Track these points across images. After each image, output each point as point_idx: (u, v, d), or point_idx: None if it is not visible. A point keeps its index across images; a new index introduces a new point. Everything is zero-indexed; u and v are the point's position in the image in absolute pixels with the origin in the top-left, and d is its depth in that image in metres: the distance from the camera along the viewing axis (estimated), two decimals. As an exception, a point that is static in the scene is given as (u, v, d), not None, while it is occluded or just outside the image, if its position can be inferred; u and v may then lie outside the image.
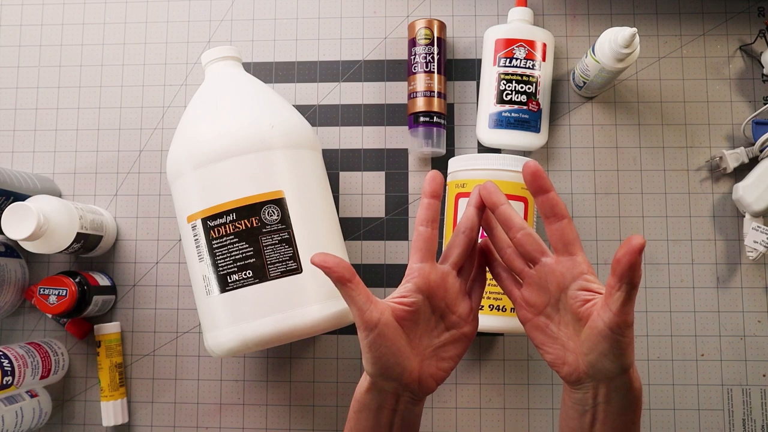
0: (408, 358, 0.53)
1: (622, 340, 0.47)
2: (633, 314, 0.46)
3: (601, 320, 0.47)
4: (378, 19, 0.83)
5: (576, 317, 0.51)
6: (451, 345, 0.55)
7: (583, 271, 0.51)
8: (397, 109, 0.82)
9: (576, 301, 0.51)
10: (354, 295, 0.51)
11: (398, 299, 0.53)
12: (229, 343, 0.66)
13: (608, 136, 0.81)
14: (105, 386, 0.78)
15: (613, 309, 0.46)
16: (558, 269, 0.52)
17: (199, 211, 0.67)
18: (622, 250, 0.45)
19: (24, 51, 0.85)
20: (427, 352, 0.55)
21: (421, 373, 0.54)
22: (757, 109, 0.80)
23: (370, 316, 0.51)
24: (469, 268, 0.57)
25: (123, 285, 0.81)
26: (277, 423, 0.79)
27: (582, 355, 0.50)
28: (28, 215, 0.68)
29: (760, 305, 0.78)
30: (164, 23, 0.84)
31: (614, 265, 0.46)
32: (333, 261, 0.51)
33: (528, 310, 0.55)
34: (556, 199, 0.52)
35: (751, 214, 0.76)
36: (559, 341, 0.53)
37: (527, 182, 0.52)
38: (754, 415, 0.76)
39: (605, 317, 0.47)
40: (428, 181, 0.55)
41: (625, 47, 0.69)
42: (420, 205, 0.55)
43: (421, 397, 0.55)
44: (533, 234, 0.53)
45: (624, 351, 0.48)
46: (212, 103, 0.70)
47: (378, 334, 0.51)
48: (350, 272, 0.51)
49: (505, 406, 0.78)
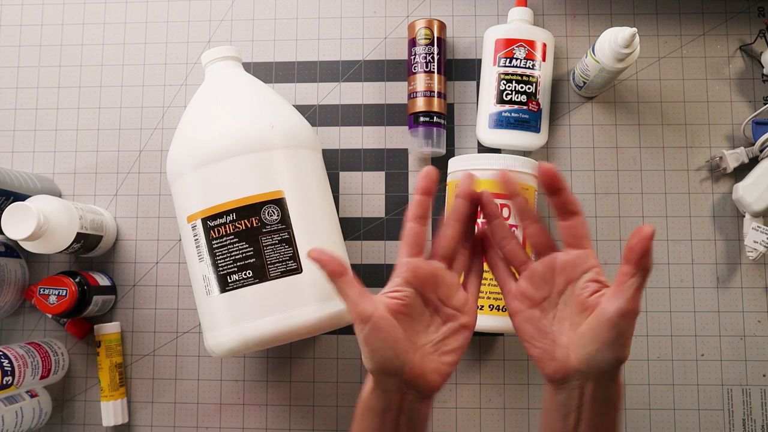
0: (407, 351, 0.53)
1: (627, 330, 0.49)
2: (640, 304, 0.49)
3: (611, 307, 0.49)
4: (378, 19, 0.83)
5: (581, 308, 0.52)
6: (451, 338, 0.55)
7: (594, 265, 0.53)
8: (397, 109, 0.82)
9: (585, 291, 0.52)
10: (347, 289, 0.52)
11: (389, 293, 0.54)
12: (229, 343, 0.66)
13: (608, 136, 0.81)
14: (105, 386, 0.78)
15: (627, 295, 0.48)
16: (570, 260, 0.53)
17: (199, 211, 0.67)
18: (635, 239, 0.48)
19: (24, 51, 0.85)
20: (427, 348, 0.54)
21: (423, 369, 0.53)
22: (757, 109, 0.80)
23: (363, 308, 0.52)
24: (462, 260, 0.58)
25: (123, 285, 0.81)
26: (277, 423, 0.79)
27: (578, 348, 0.51)
28: (28, 215, 0.68)
29: (760, 305, 0.78)
30: (164, 23, 0.84)
31: (627, 253, 0.48)
32: (327, 256, 0.53)
33: (522, 301, 0.55)
34: (570, 197, 0.54)
35: (751, 214, 0.76)
36: (549, 336, 0.53)
37: (543, 183, 0.54)
38: (754, 415, 0.77)
39: (617, 304, 0.49)
40: (421, 178, 0.56)
41: (625, 47, 0.69)
42: (411, 200, 0.56)
43: (428, 394, 0.54)
44: (546, 227, 0.55)
45: (626, 341, 0.49)
46: (212, 103, 0.70)
47: (372, 327, 0.51)
48: (342, 267, 0.53)
49: (505, 406, 0.78)
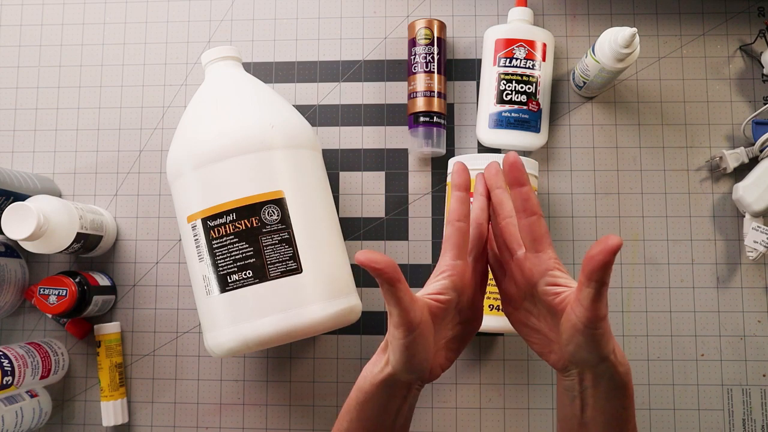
0: (432, 352, 0.52)
1: (596, 333, 0.47)
2: (605, 308, 0.46)
3: (574, 315, 0.47)
4: (378, 19, 0.83)
5: (550, 311, 0.51)
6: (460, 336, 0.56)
7: (549, 267, 0.51)
8: (397, 109, 0.82)
9: (547, 296, 0.51)
10: (401, 296, 0.48)
11: (434, 296, 0.52)
12: (229, 343, 0.66)
13: (608, 136, 0.81)
14: (105, 386, 0.78)
15: (584, 304, 0.46)
16: (526, 265, 0.52)
17: (199, 211, 0.67)
18: (597, 248, 0.44)
19: (24, 51, 0.85)
20: (441, 344, 0.55)
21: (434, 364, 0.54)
22: (757, 109, 0.80)
23: (414, 316, 0.49)
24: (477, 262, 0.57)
25: (123, 285, 0.81)
26: (277, 423, 0.79)
27: (562, 346, 0.50)
28: (28, 215, 0.68)
29: (760, 305, 0.78)
30: (164, 23, 0.84)
31: (586, 261, 0.44)
32: (383, 260, 0.47)
33: (509, 303, 0.55)
34: (528, 194, 0.52)
35: (751, 214, 0.76)
36: (541, 332, 0.54)
37: (504, 172, 0.52)
38: (754, 415, 0.76)
39: (578, 312, 0.47)
40: (457, 173, 0.54)
41: (625, 47, 0.69)
42: (452, 198, 0.54)
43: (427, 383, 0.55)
44: (515, 225, 0.53)
45: (599, 343, 0.47)
46: (212, 103, 0.70)
47: (417, 335, 0.50)
48: (398, 272, 0.48)
49: (505, 406, 0.78)
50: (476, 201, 0.56)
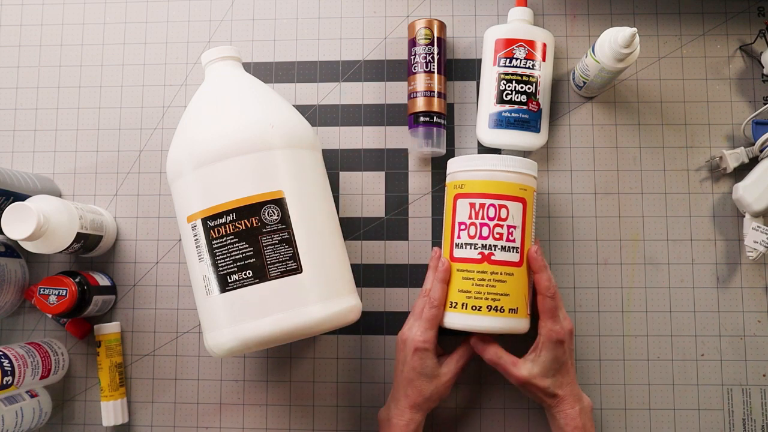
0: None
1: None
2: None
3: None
4: (378, 19, 0.83)
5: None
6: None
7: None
8: (397, 109, 0.82)
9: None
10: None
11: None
12: (229, 343, 0.66)
13: (608, 136, 0.81)
14: (105, 386, 0.78)
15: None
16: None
17: (199, 211, 0.67)
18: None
19: (24, 51, 0.85)
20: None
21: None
22: (757, 109, 0.80)
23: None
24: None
25: (123, 285, 0.81)
26: (277, 423, 0.79)
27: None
28: (28, 215, 0.68)
29: (760, 305, 0.78)
30: (164, 23, 0.84)
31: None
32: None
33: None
34: (544, 281, 0.70)
35: (751, 214, 0.76)
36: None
37: (528, 263, 0.71)
38: (754, 415, 0.76)
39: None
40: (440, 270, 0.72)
41: (625, 47, 0.69)
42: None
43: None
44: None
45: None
46: (212, 103, 0.69)
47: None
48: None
49: (505, 406, 0.78)
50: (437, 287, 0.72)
